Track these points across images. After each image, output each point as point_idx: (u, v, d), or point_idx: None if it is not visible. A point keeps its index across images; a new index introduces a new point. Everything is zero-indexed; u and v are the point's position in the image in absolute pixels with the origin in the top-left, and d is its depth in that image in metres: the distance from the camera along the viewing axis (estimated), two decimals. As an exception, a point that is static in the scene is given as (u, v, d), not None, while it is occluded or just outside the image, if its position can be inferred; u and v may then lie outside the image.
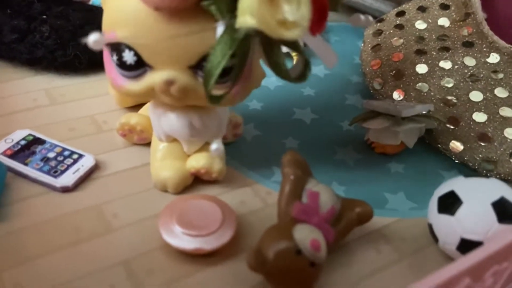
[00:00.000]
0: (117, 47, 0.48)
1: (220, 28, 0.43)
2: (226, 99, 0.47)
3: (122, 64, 0.48)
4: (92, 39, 0.42)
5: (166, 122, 0.55)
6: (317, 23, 0.42)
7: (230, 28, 0.41)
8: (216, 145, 0.47)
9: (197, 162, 0.57)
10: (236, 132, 0.67)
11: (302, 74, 0.49)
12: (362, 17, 0.49)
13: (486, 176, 0.68)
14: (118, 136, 0.65)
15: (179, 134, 0.56)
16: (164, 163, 0.58)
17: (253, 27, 0.38)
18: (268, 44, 0.44)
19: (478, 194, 0.51)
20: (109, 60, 0.50)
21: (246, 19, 0.38)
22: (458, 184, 0.53)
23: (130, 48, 0.47)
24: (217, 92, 0.46)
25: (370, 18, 0.49)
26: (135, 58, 0.47)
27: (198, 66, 0.48)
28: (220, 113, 0.58)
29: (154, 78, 0.48)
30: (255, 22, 0.37)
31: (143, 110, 0.65)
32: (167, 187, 0.58)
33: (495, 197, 0.50)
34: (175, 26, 0.45)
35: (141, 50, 0.47)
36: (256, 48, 0.46)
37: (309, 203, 0.50)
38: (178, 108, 0.54)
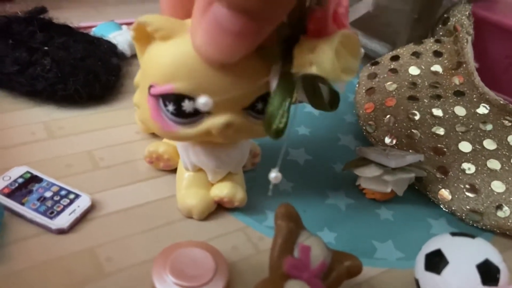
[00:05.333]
0: (174, 98, 0.51)
1: (275, 73, 0.48)
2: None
3: (180, 113, 0.52)
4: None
5: (194, 155, 0.60)
6: None
7: (286, 73, 0.47)
8: (274, 174, 0.48)
9: (221, 191, 0.62)
10: (254, 161, 0.73)
11: (333, 102, 0.54)
12: (361, 3, 0.52)
13: (472, 226, 0.70)
14: (113, 174, 0.66)
15: (206, 165, 0.61)
16: (190, 191, 0.62)
17: (311, 74, 0.44)
18: (311, 85, 0.49)
19: (463, 254, 0.53)
20: (157, 108, 0.53)
21: (308, 67, 0.44)
22: (445, 243, 0.55)
23: (190, 98, 0.50)
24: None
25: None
26: (194, 107, 0.50)
27: (250, 107, 0.53)
28: (244, 145, 0.63)
29: (213, 122, 0.52)
30: (319, 70, 0.44)
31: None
32: (192, 214, 0.62)
33: (480, 259, 0.52)
34: (234, 75, 0.50)
35: None
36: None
37: (301, 258, 0.52)
38: (206, 142, 0.58)
